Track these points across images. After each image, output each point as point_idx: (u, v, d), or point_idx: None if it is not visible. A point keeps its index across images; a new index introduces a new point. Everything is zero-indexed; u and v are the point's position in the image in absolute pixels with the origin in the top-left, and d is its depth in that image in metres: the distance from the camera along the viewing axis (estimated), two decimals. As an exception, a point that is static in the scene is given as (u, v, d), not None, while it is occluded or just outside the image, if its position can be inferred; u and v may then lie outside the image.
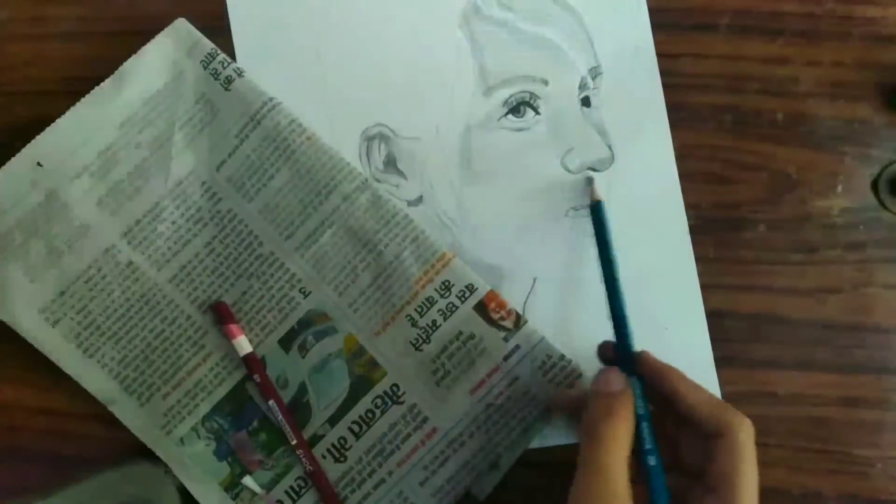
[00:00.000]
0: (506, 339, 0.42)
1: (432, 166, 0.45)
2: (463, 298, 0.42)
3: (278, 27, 0.45)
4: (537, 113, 0.45)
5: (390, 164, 0.45)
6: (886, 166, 0.45)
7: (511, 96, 0.45)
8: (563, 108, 0.45)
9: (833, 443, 0.44)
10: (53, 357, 0.42)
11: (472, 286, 0.42)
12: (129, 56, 0.43)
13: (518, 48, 0.45)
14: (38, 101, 0.45)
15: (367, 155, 0.45)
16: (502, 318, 0.42)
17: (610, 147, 0.45)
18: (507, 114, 0.45)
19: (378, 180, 0.44)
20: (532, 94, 0.45)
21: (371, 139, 0.45)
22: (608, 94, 0.45)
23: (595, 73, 0.45)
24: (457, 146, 0.45)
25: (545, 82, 0.45)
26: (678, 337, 0.44)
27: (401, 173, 0.45)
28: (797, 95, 0.46)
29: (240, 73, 0.43)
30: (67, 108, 0.43)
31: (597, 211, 0.42)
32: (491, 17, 0.45)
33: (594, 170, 0.45)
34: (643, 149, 0.45)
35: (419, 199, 0.45)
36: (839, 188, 0.45)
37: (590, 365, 0.41)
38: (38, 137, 0.42)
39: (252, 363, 0.42)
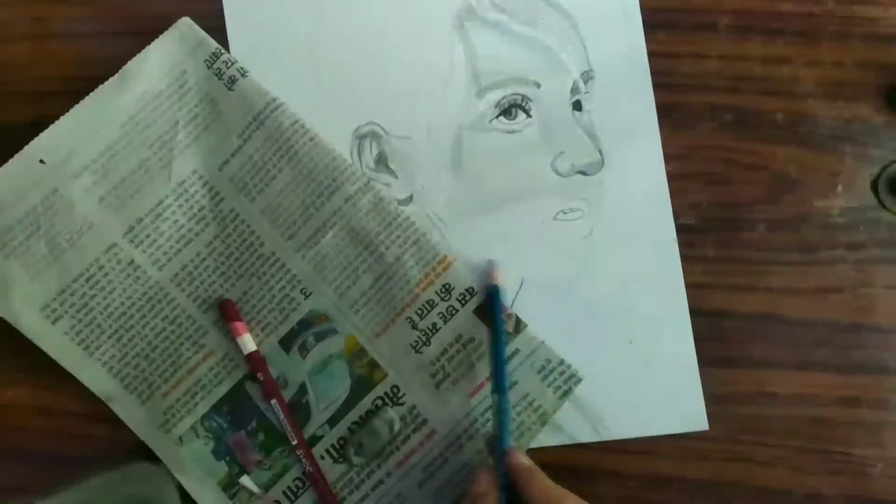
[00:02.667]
0: (505, 343, 0.42)
1: (423, 166, 0.45)
2: (463, 301, 0.42)
3: (273, 26, 0.45)
4: (529, 115, 0.45)
5: (381, 162, 0.45)
6: (886, 166, 0.45)
7: (503, 98, 0.45)
8: (555, 111, 0.45)
9: (833, 443, 0.44)
10: (53, 354, 0.42)
11: (473, 289, 0.42)
12: (130, 56, 0.43)
13: (511, 50, 0.45)
14: (38, 101, 0.45)
15: (359, 153, 0.45)
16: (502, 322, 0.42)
17: (600, 151, 0.45)
18: (498, 115, 0.45)
19: (369, 178, 0.44)
20: (524, 97, 0.45)
21: (363, 138, 0.45)
22: (600, 97, 0.45)
23: (587, 76, 0.45)
24: (448, 146, 0.45)
25: (537, 85, 0.45)
26: (663, 337, 0.44)
27: (392, 172, 0.45)
28: (797, 95, 0.46)
29: (243, 74, 0.43)
30: (68, 108, 0.43)
31: (493, 296, 0.42)
32: (485, 18, 0.45)
33: (584, 173, 0.45)
34: (633, 153, 0.45)
35: (409, 199, 0.45)
36: (839, 188, 0.45)
37: (576, 365, 0.42)
38: (40, 135, 0.42)
39: (255, 361, 0.42)
